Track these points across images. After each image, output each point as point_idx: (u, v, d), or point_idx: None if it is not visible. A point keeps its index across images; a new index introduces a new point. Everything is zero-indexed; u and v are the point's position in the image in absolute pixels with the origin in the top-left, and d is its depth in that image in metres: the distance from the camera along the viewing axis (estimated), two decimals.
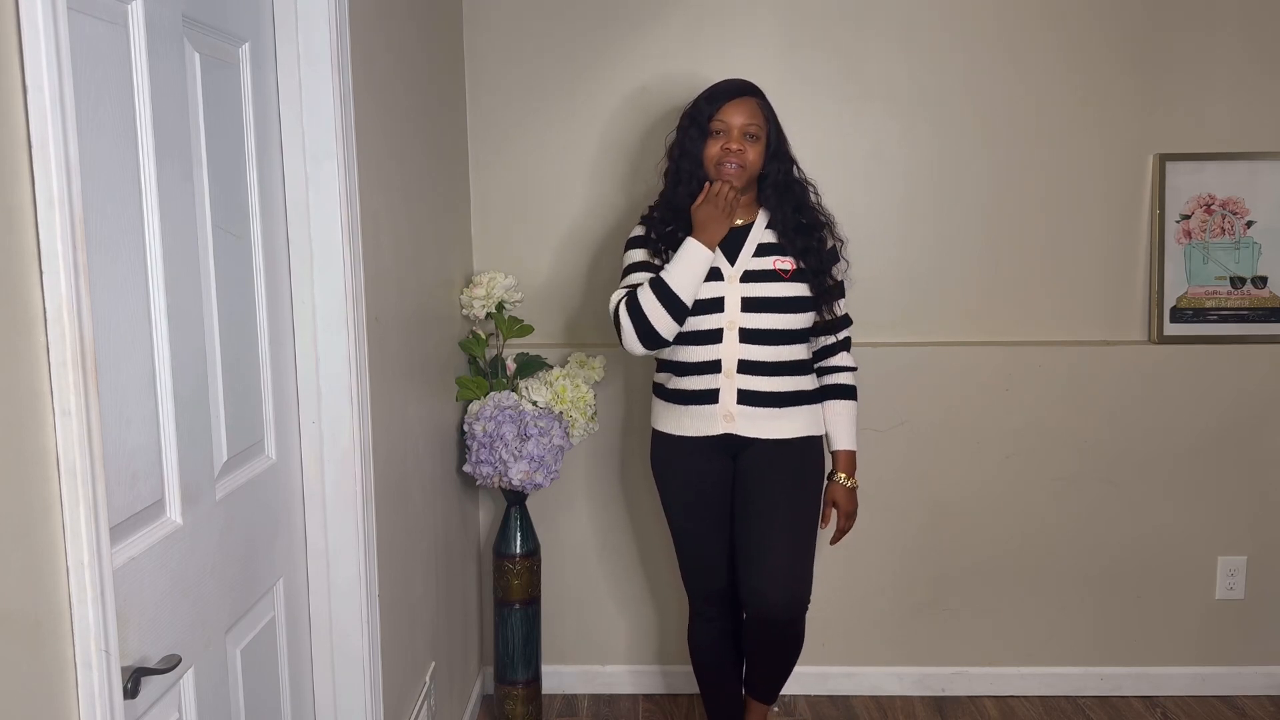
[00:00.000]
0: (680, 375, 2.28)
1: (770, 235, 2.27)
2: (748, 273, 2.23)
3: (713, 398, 2.24)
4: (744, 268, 2.24)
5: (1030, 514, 2.89)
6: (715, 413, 2.25)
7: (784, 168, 2.27)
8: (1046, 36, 2.76)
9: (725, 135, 2.21)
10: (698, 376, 2.26)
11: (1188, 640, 2.94)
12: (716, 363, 2.23)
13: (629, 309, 2.17)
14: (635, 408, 2.87)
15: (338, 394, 1.72)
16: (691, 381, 2.26)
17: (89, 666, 1.02)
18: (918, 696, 2.95)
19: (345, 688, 1.80)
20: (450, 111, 2.61)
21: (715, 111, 2.22)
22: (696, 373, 2.26)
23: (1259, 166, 2.79)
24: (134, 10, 1.22)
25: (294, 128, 1.65)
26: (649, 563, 2.94)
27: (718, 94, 2.24)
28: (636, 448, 2.88)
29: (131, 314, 1.21)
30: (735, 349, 2.22)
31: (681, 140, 2.27)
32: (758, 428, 2.24)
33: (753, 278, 2.23)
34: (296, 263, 1.69)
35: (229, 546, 1.47)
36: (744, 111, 2.21)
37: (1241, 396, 2.84)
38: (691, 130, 2.24)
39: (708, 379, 2.25)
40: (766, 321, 2.22)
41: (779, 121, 2.28)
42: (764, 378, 2.23)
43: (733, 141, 2.20)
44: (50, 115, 0.94)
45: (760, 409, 2.24)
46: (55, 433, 0.98)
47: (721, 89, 2.26)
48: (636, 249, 2.30)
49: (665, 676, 2.98)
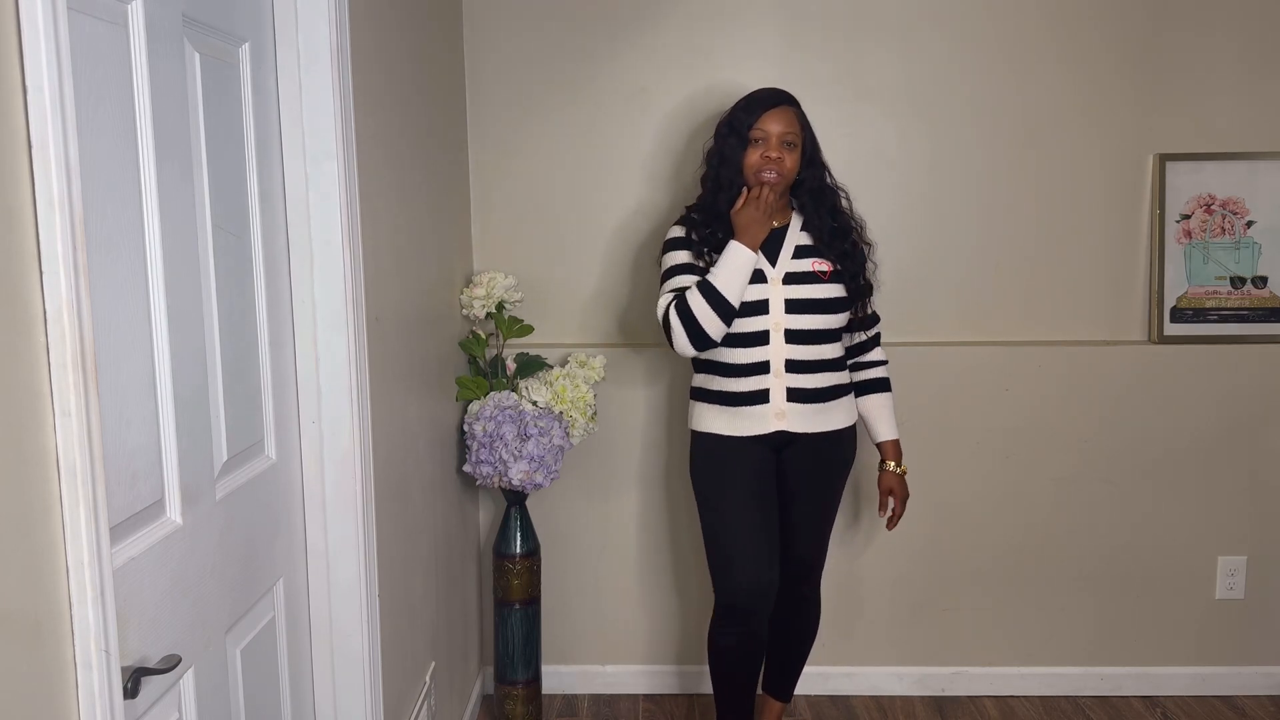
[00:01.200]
0: (727, 377, 2.32)
1: (805, 238, 2.34)
2: (789, 274, 2.30)
3: (764, 398, 2.30)
4: (784, 270, 2.30)
5: (1030, 514, 2.89)
6: (767, 412, 2.30)
7: (818, 174, 2.34)
8: (1046, 37, 2.76)
9: (764, 144, 2.25)
10: (747, 378, 2.30)
11: (1188, 640, 2.94)
12: (765, 364, 2.29)
13: (679, 312, 2.22)
14: (636, 408, 2.87)
15: (338, 394, 1.72)
16: (741, 383, 2.31)
17: (89, 666, 1.02)
18: (918, 696, 2.95)
19: (345, 688, 1.80)
20: (450, 111, 2.61)
21: (754, 121, 2.26)
22: (745, 374, 2.30)
23: (1259, 166, 2.79)
24: (134, 10, 1.22)
25: (294, 128, 1.65)
26: (649, 563, 2.94)
27: (756, 103, 2.28)
28: (636, 448, 2.88)
29: (131, 314, 1.21)
30: (782, 350, 2.28)
31: (720, 148, 2.31)
32: (806, 423, 2.32)
33: (794, 279, 2.29)
34: (296, 263, 1.69)
35: (229, 546, 1.47)
36: (782, 120, 2.26)
37: (1241, 396, 2.84)
38: (731, 139, 2.28)
39: (757, 380, 2.30)
40: (809, 322, 2.29)
41: (812, 128, 2.33)
42: (809, 375, 2.30)
43: (771, 150, 2.25)
44: (50, 116, 0.94)
45: (808, 405, 2.31)
46: (55, 433, 0.98)
47: (759, 98, 2.29)
48: (678, 250, 2.33)
49: (665, 676, 2.98)
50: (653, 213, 2.82)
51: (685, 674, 2.98)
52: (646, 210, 2.82)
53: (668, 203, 2.80)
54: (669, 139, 2.79)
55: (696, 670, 2.95)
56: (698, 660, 2.95)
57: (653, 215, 2.82)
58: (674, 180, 2.79)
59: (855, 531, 2.86)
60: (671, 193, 2.79)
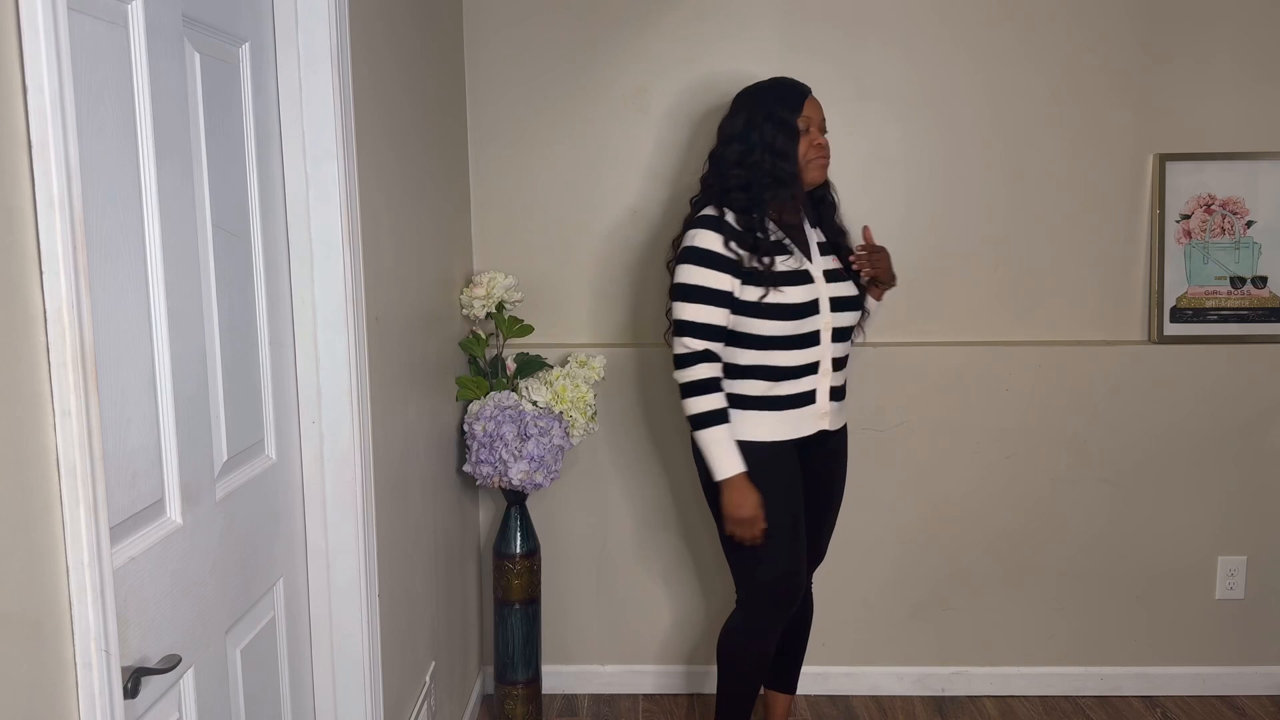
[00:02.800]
0: (779, 380, 2.22)
1: (819, 235, 2.33)
2: (826, 273, 2.26)
3: (811, 399, 2.25)
4: (821, 267, 2.26)
5: (1030, 514, 2.89)
6: (814, 413, 2.26)
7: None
8: (1046, 37, 2.76)
9: (810, 132, 2.21)
10: (799, 380, 2.23)
11: (1188, 640, 2.94)
12: (815, 364, 2.24)
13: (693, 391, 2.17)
14: (636, 408, 2.87)
15: (338, 394, 1.72)
16: (792, 385, 2.23)
17: (89, 666, 1.02)
18: (918, 696, 2.95)
19: (345, 688, 1.80)
20: (450, 111, 2.61)
21: (801, 108, 2.20)
22: (797, 376, 2.23)
23: (1259, 166, 2.79)
24: (134, 10, 1.22)
25: (294, 128, 1.65)
26: (649, 563, 2.94)
27: (794, 92, 2.22)
28: (637, 448, 2.88)
29: (131, 314, 1.21)
30: (829, 349, 2.26)
31: (771, 142, 2.17)
32: (836, 420, 2.33)
33: (831, 278, 2.27)
34: (296, 263, 1.69)
35: (229, 546, 1.47)
36: (818, 107, 2.25)
37: (1241, 396, 2.84)
38: (766, 127, 2.18)
39: (808, 380, 2.24)
40: (848, 319, 2.29)
41: None
42: (841, 373, 2.31)
43: (817, 137, 2.22)
44: (50, 115, 0.94)
45: (838, 403, 2.32)
46: (55, 433, 0.98)
47: (796, 87, 2.24)
48: (713, 270, 2.15)
49: (665, 676, 2.98)
50: (653, 212, 2.82)
51: (685, 674, 2.98)
52: (647, 210, 2.82)
53: (668, 202, 2.80)
54: (669, 138, 2.79)
55: (697, 670, 2.95)
56: (698, 660, 2.95)
57: (653, 214, 2.82)
58: (674, 179, 2.79)
59: (854, 531, 2.86)
60: (672, 192, 2.79)
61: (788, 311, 2.17)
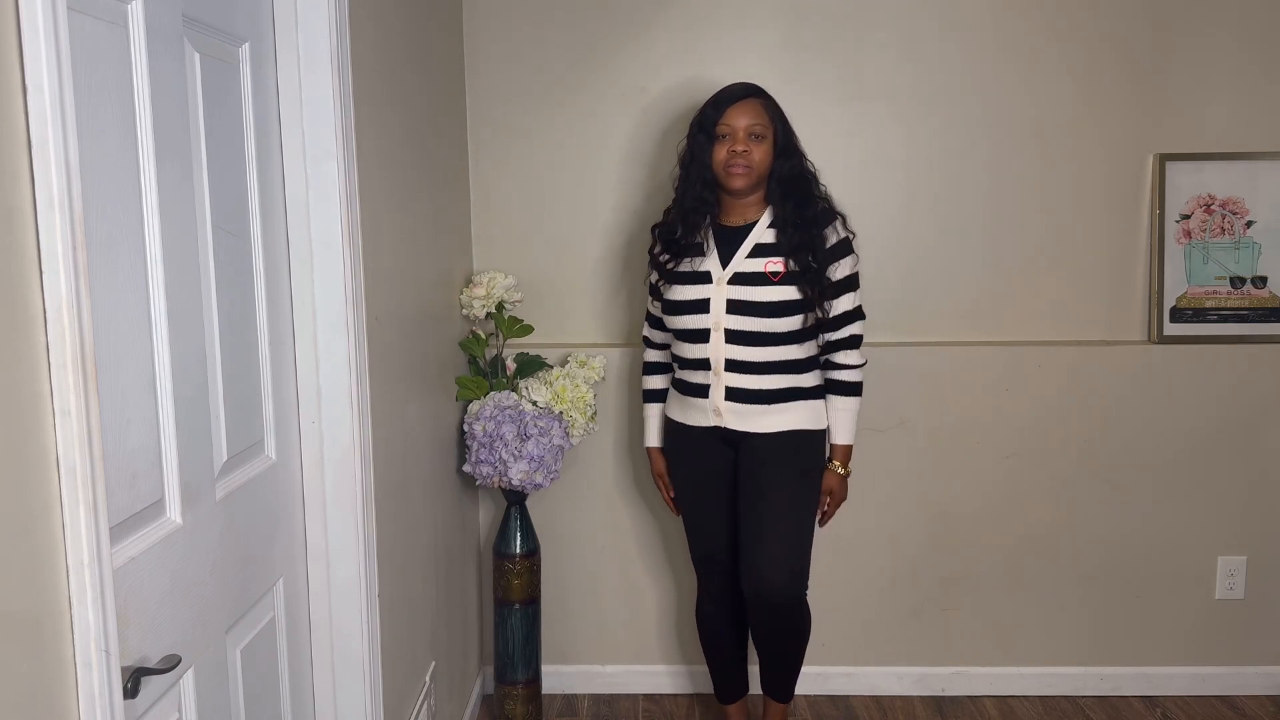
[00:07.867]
0: (681, 369, 2.43)
1: (770, 235, 2.31)
2: (737, 275, 2.30)
3: (704, 393, 2.36)
4: (735, 269, 2.31)
5: (1030, 514, 2.89)
6: (706, 406, 2.37)
7: (791, 164, 2.31)
8: (1046, 37, 2.76)
9: (730, 138, 2.27)
10: (693, 372, 2.39)
11: (1187, 640, 2.94)
12: (706, 361, 2.34)
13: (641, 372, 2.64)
14: (636, 408, 2.87)
15: (338, 394, 1.72)
16: (689, 375, 2.40)
17: (89, 666, 1.02)
18: (918, 696, 2.95)
19: (345, 688, 1.80)
20: (450, 111, 2.61)
21: (720, 116, 2.28)
22: (691, 368, 2.39)
23: (1259, 166, 2.79)
24: (134, 10, 1.22)
25: (294, 128, 1.65)
26: (649, 562, 2.94)
27: (722, 99, 2.31)
28: (636, 447, 2.88)
29: (131, 314, 1.21)
30: (721, 349, 2.31)
31: (691, 147, 2.35)
32: (747, 423, 2.34)
33: (741, 280, 2.30)
34: (296, 263, 1.69)
35: (229, 546, 1.47)
36: (747, 113, 2.27)
37: (1241, 396, 2.84)
38: (699, 137, 2.32)
39: (700, 375, 2.37)
40: (750, 324, 2.29)
41: (786, 119, 2.33)
42: (753, 376, 2.31)
43: (738, 144, 2.26)
44: (50, 115, 0.94)
45: (749, 406, 2.32)
46: (55, 433, 0.98)
47: (725, 94, 2.31)
48: (650, 267, 2.49)
49: (665, 676, 2.98)
50: (653, 212, 2.81)
51: (685, 674, 2.98)
52: (646, 210, 2.82)
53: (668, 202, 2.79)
54: (669, 138, 2.79)
55: (697, 670, 2.95)
56: (698, 660, 2.95)
57: (653, 215, 2.81)
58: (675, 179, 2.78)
59: (854, 531, 2.86)
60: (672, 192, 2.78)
61: (672, 307, 2.37)
